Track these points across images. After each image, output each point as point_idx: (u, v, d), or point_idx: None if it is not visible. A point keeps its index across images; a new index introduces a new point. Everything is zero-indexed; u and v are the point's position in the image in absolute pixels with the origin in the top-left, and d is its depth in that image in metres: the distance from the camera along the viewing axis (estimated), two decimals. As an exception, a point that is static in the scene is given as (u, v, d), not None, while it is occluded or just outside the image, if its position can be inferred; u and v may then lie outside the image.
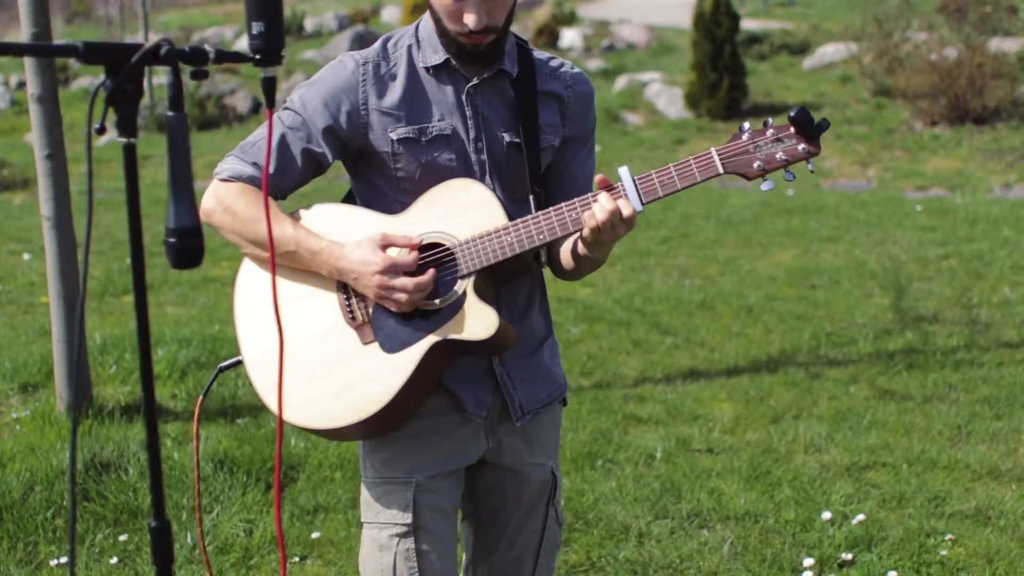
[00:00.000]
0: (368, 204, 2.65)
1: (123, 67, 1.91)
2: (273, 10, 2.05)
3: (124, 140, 1.96)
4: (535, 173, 2.61)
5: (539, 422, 2.78)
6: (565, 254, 2.67)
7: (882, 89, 15.38)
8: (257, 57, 2.06)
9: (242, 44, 25.53)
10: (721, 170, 2.46)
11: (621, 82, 17.20)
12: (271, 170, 2.57)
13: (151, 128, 16.76)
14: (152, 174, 13.86)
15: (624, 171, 2.47)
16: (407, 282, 2.44)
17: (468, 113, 2.59)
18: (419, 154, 2.57)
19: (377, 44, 2.64)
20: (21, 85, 21.26)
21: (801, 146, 2.45)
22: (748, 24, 20.43)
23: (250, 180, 2.57)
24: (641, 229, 10.04)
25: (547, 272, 2.80)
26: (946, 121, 13.94)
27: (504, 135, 2.61)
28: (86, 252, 1.98)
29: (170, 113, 1.99)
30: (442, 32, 2.54)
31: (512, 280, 2.64)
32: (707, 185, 12.21)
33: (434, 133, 2.57)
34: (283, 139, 2.58)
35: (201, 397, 2.59)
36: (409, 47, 2.62)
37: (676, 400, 5.85)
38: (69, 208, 5.57)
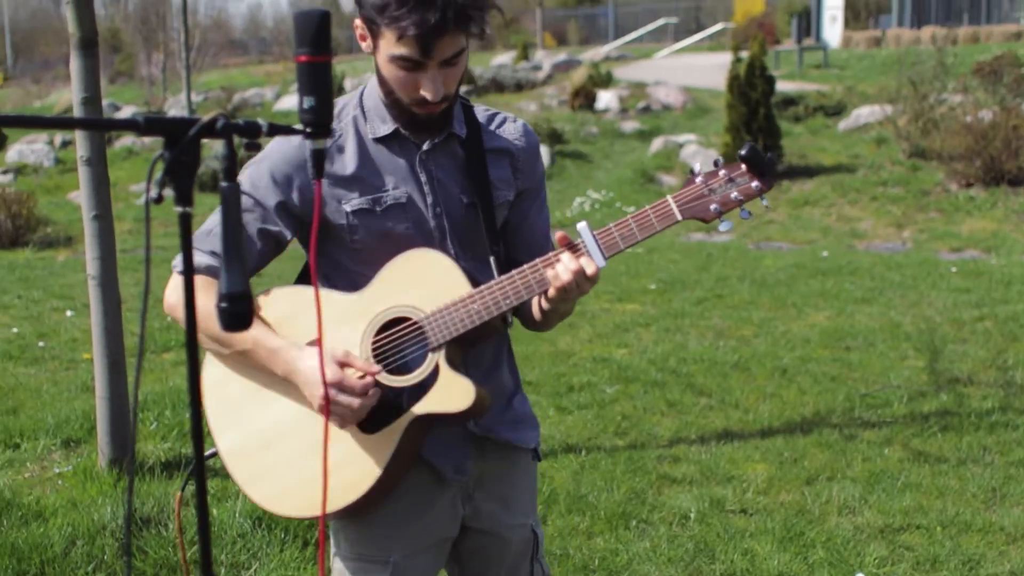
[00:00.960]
0: (327, 277, 2.62)
1: (181, 140, 2.01)
2: (324, 86, 2.14)
3: (180, 209, 2.05)
4: (493, 232, 2.61)
5: (513, 482, 2.77)
6: (532, 309, 2.66)
7: (917, 151, 15.42)
8: (308, 130, 2.15)
9: (282, 105, 25.87)
10: (679, 217, 2.47)
11: (657, 143, 17.32)
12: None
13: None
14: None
15: (583, 227, 2.47)
16: (351, 401, 2.39)
17: (423, 179, 2.57)
18: (375, 224, 2.54)
19: None
20: (65, 144, 21.61)
21: (754, 183, 2.46)
22: (783, 86, 20.54)
23: (207, 271, 2.53)
24: (676, 291, 10.10)
25: (519, 327, 2.80)
26: (981, 183, 13.97)
27: (461, 196, 2.60)
28: (143, 316, 2.07)
29: (224, 184, 2.08)
30: (393, 103, 2.52)
31: (480, 343, 2.63)
32: (741, 247, 12.29)
33: (389, 202, 2.55)
34: None
35: (179, 492, 2.52)
36: (355, 118, 2.59)
37: (710, 461, 5.87)
38: (115, 267, 5.67)
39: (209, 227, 2.56)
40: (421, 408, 2.47)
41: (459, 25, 2.35)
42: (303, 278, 2.69)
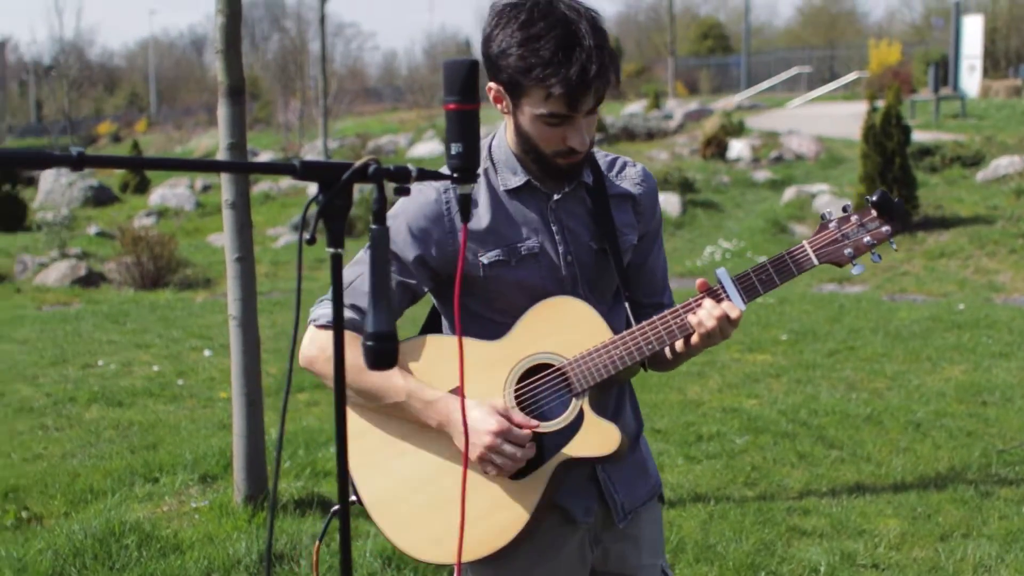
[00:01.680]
0: (467, 327, 2.65)
1: (334, 184, 2.09)
2: (471, 133, 2.21)
3: (332, 251, 2.13)
4: (624, 276, 2.66)
5: (641, 522, 2.78)
6: (662, 352, 2.67)
7: (1059, 203, 15.06)
8: (455, 175, 2.22)
9: (415, 152, 26.27)
10: (816, 262, 2.54)
11: (789, 193, 17.18)
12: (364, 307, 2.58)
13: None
14: (325, 275, 14.31)
15: (723, 272, 2.54)
16: (515, 451, 2.46)
17: (555, 229, 2.62)
18: (511, 274, 2.59)
19: None
20: (205, 188, 22.24)
21: (885, 228, 2.53)
22: (919, 136, 20.21)
23: (350, 325, 2.56)
24: (807, 342, 9.99)
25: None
26: None
27: (591, 243, 2.65)
28: (291, 359, 2.14)
29: (374, 226, 2.16)
30: (535, 157, 2.57)
31: (612, 386, 2.67)
32: (874, 298, 12.10)
33: (524, 252, 2.59)
34: None
35: (318, 542, 2.59)
36: (485, 170, 2.65)
37: (841, 514, 5.79)
38: (255, 308, 5.83)
39: (349, 280, 2.62)
40: (569, 452, 2.51)
41: (600, 77, 2.42)
42: (429, 327, 2.77)
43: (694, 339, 2.52)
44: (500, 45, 2.46)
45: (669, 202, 17.32)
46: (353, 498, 2.62)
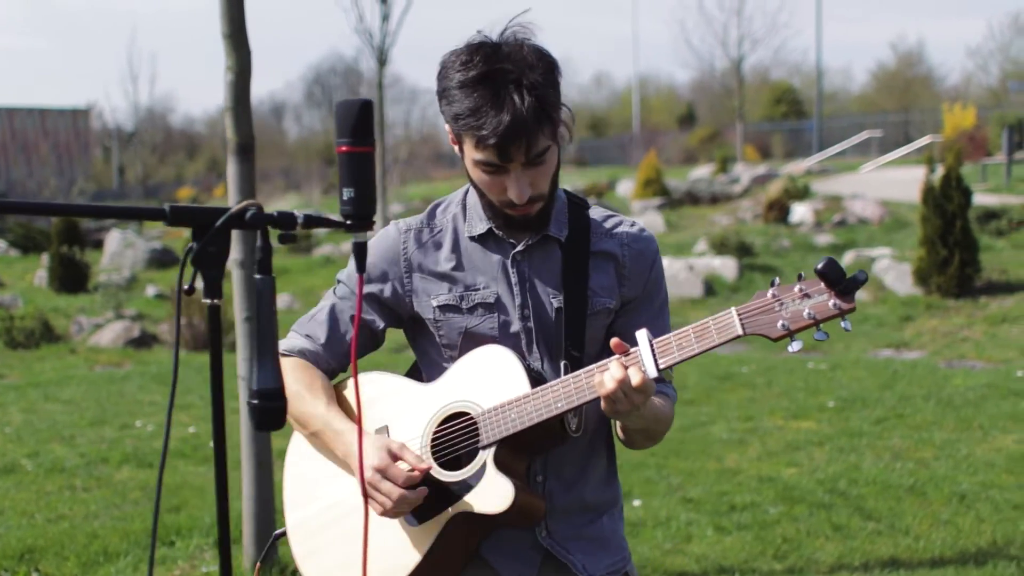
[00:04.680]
0: (425, 370, 2.64)
1: (208, 230, 1.96)
2: (364, 177, 2.08)
3: (208, 302, 2.00)
4: (573, 338, 2.52)
5: None
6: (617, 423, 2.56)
7: None
8: (348, 222, 2.08)
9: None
10: (741, 331, 2.28)
11: (848, 257, 16.88)
12: (322, 340, 2.63)
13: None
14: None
15: (642, 334, 2.35)
16: (392, 490, 2.38)
17: (514, 280, 2.54)
18: (460, 321, 2.55)
19: (425, 211, 2.65)
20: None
21: (832, 302, 2.23)
22: (988, 199, 19.83)
23: (300, 354, 2.63)
24: (855, 409, 9.69)
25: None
26: None
27: (552, 300, 2.54)
28: (169, 412, 2.01)
29: (258, 276, 2.02)
30: (487, 204, 2.52)
31: (546, 449, 2.53)
32: (931, 364, 11.75)
33: (476, 300, 2.54)
34: (333, 310, 2.64)
35: (258, 563, 2.61)
36: (455, 215, 2.61)
37: (869, 590, 5.52)
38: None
39: (311, 313, 2.67)
40: (461, 506, 2.42)
41: (534, 126, 2.32)
42: (412, 373, 2.71)
43: (602, 404, 2.36)
44: (443, 86, 2.40)
45: (726, 266, 17.11)
46: (282, 530, 2.66)
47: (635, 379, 2.30)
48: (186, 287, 1.96)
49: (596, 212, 2.64)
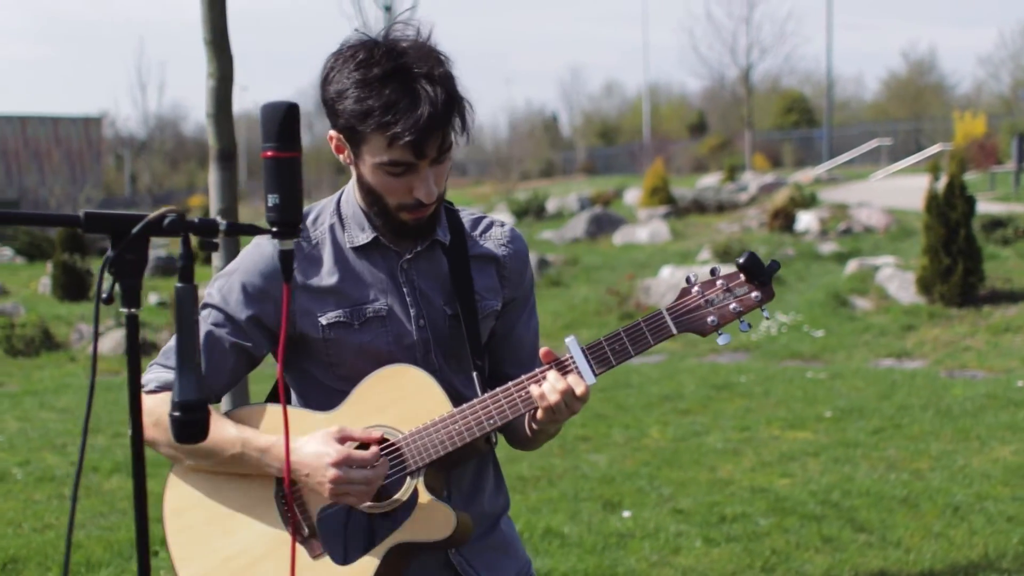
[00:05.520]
0: (304, 396, 2.50)
1: (125, 237, 1.91)
2: (290, 183, 2.02)
3: (126, 311, 1.94)
4: (476, 345, 2.45)
5: None
6: (519, 428, 2.49)
7: None
8: (275, 229, 2.03)
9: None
10: (674, 330, 2.31)
11: (851, 266, 16.79)
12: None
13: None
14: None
15: (572, 341, 2.32)
16: (366, 475, 2.26)
17: (405, 290, 2.44)
18: (353, 338, 2.41)
19: None
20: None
21: (754, 294, 2.30)
22: (994, 207, 19.71)
23: (169, 387, 2.41)
24: (852, 419, 9.61)
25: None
26: None
27: (445, 308, 2.46)
28: (84, 431, 1.95)
29: (178, 284, 1.97)
30: (379, 211, 2.39)
31: (463, 464, 2.47)
32: (931, 374, 11.65)
33: (369, 315, 2.42)
34: (208, 337, 2.42)
35: None
36: (331, 226, 2.48)
37: (855, 604, 5.44)
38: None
39: (174, 344, 2.41)
40: (400, 536, 2.31)
41: (447, 119, 2.25)
42: (272, 396, 2.56)
43: (538, 413, 2.30)
44: (336, 88, 2.29)
45: (728, 274, 16.97)
46: None
47: (579, 389, 2.27)
48: (104, 296, 1.91)
49: (464, 214, 2.59)
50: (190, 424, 1.96)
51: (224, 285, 2.46)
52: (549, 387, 2.27)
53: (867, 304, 15.14)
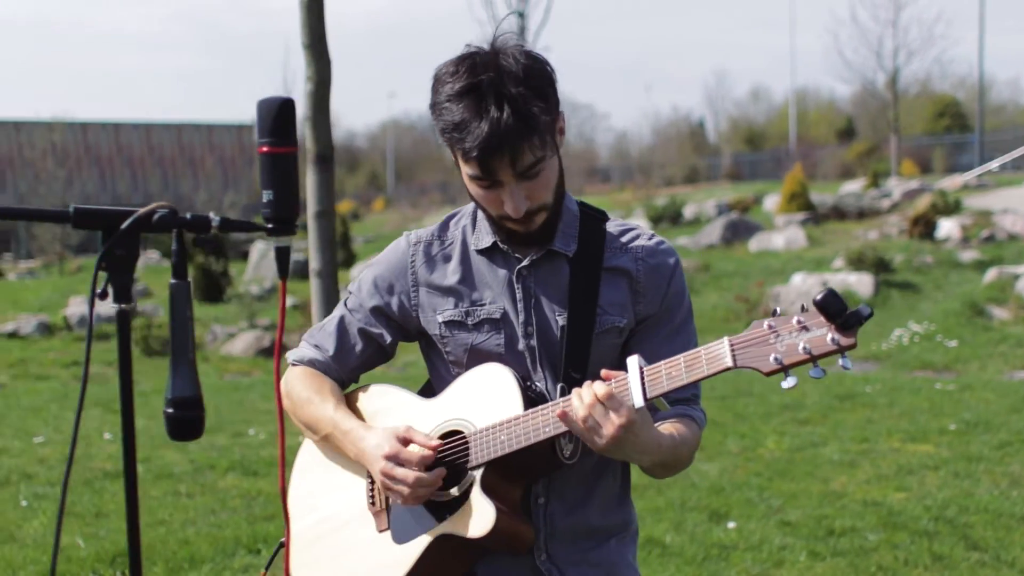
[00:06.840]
0: (436, 385, 2.57)
1: (115, 233, 1.91)
2: (285, 179, 2.00)
3: (117, 307, 1.95)
4: (573, 358, 2.39)
5: None
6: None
7: None
8: (270, 226, 2.01)
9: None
10: (731, 363, 2.10)
11: (991, 274, 16.24)
12: (331, 352, 2.58)
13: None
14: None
15: (633, 361, 2.20)
16: (407, 474, 2.30)
17: (519, 295, 2.44)
18: (465, 337, 2.46)
19: (439, 222, 2.56)
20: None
21: (830, 336, 2.03)
22: None
23: (310, 363, 2.60)
24: (977, 432, 9.27)
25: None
26: None
27: (559, 318, 2.42)
28: (77, 420, 1.96)
29: (172, 281, 1.97)
30: (487, 217, 2.44)
31: (539, 474, 2.42)
32: (1069, 387, 11.19)
33: (481, 316, 2.45)
34: (342, 321, 2.58)
35: (264, 570, 2.62)
36: (464, 227, 2.53)
37: (959, 625, 5.22)
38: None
39: (324, 322, 2.64)
40: (442, 528, 2.35)
41: (516, 139, 2.22)
42: (426, 391, 2.64)
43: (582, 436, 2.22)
44: (432, 99, 2.33)
45: (861, 282, 16.62)
46: (283, 540, 2.60)
47: (619, 416, 2.16)
48: (99, 291, 1.92)
49: (613, 225, 2.53)
50: (183, 421, 1.97)
51: (363, 275, 2.60)
52: (577, 400, 2.20)
53: (1005, 314, 14.62)
